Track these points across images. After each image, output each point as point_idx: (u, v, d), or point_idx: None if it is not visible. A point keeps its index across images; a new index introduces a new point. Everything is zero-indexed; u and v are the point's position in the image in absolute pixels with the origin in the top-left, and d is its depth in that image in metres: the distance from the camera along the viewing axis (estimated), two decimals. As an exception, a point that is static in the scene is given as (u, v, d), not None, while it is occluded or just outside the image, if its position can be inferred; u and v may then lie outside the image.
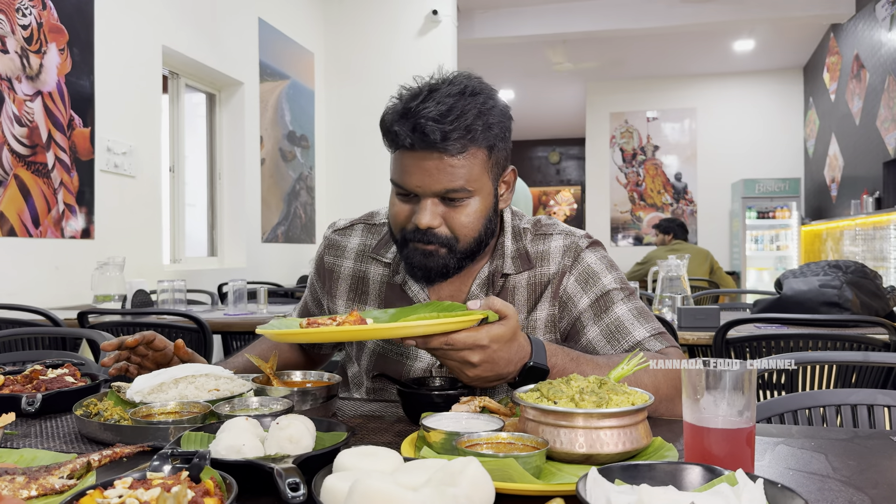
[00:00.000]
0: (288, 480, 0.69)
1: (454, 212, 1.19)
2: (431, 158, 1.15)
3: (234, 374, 1.15)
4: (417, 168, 1.16)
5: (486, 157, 1.20)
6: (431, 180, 1.16)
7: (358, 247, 1.40)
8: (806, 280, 2.66)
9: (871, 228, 6.28)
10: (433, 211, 1.18)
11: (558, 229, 1.34)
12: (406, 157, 1.18)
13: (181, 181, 4.79)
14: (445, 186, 1.16)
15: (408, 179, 1.18)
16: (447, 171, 1.15)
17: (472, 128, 1.15)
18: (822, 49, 8.70)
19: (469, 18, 7.45)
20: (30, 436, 1.01)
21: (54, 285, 3.46)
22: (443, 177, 1.16)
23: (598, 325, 1.26)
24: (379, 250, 1.37)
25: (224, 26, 4.95)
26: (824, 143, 8.64)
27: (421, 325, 0.95)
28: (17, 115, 3.25)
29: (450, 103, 1.14)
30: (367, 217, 1.44)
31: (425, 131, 1.12)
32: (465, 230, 1.20)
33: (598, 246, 1.34)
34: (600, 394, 0.86)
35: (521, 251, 1.31)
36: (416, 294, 1.31)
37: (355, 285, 1.38)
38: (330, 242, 1.43)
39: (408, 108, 1.15)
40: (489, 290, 1.30)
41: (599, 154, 10.45)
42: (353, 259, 1.39)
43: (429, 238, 1.19)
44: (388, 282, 1.35)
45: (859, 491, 0.76)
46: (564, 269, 1.29)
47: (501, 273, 1.29)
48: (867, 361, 1.50)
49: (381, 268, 1.36)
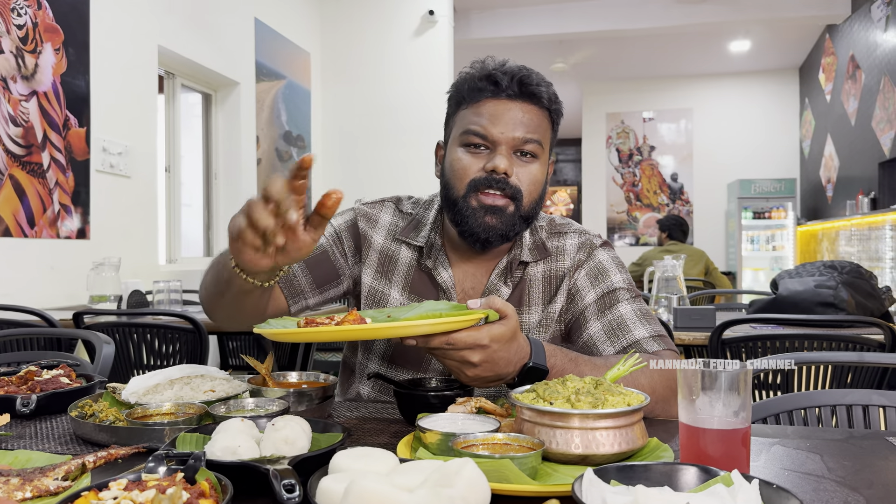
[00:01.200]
0: (283, 482, 0.69)
1: (524, 167, 1.26)
2: (519, 106, 1.25)
3: (230, 376, 1.15)
4: (503, 114, 1.24)
5: (550, 127, 1.31)
6: (515, 127, 1.24)
7: (389, 225, 1.40)
8: (802, 280, 2.66)
9: (866, 229, 6.29)
10: (510, 159, 1.25)
11: (573, 228, 1.39)
12: (492, 104, 1.25)
13: (177, 181, 4.78)
14: (526, 135, 1.24)
15: (491, 126, 1.24)
16: (530, 121, 1.25)
17: (551, 92, 1.29)
18: (818, 50, 8.72)
19: (465, 19, 7.45)
20: (24, 437, 1.01)
21: (49, 286, 3.45)
22: (526, 125, 1.24)
23: (601, 321, 1.28)
24: (408, 233, 1.37)
25: (220, 26, 4.94)
26: (820, 144, 8.66)
27: (422, 324, 0.95)
28: (13, 115, 3.24)
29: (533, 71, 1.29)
30: (395, 199, 1.44)
31: (523, 75, 1.25)
32: (531, 187, 1.26)
33: (610, 247, 1.38)
34: (596, 394, 0.86)
35: (538, 243, 1.35)
36: (444, 280, 1.32)
37: (384, 261, 1.38)
38: (362, 212, 1.42)
39: (498, 63, 1.29)
40: (508, 280, 1.32)
41: (596, 154, 10.46)
42: (384, 236, 1.39)
43: (501, 186, 1.23)
44: (417, 266, 1.36)
45: (854, 491, 0.76)
46: (578, 263, 1.33)
47: (519, 261, 1.32)
48: (862, 362, 1.50)
49: (410, 251, 1.37)
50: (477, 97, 1.26)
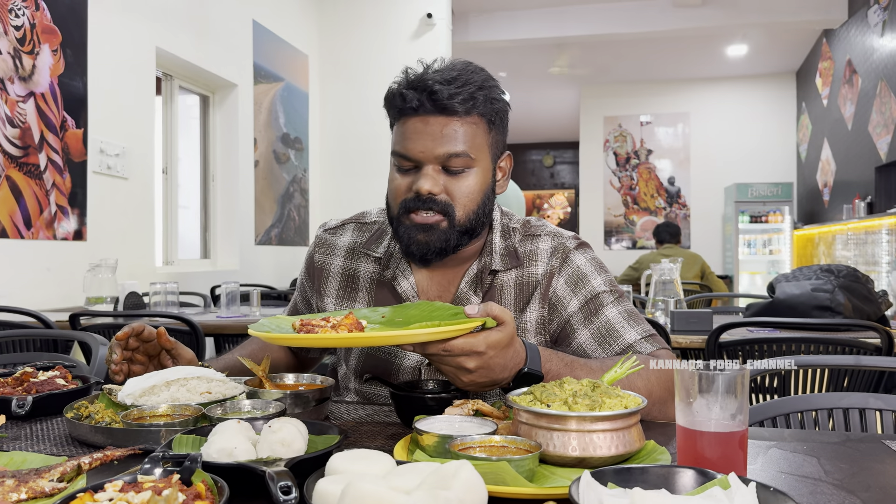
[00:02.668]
0: (280, 484, 0.68)
1: (455, 181, 1.22)
2: (436, 122, 1.20)
3: (227, 377, 1.15)
4: (421, 132, 1.20)
5: (487, 130, 1.24)
6: (435, 143, 1.19)
7: (348, 244, 1.40)
8: (798, 284, 2.67)
9: (862, 233, 6.31)
10: (434, 178, 1.21)
11: (546, 230, 1.35)
12: (410, 123, 1.22)
13: (174, 183, 4.78)
14: (448, 150, 1.20)
15: (411, 146, 1.21)
16: (451, 134, 1.20)
17: (475, 95, 1.20)
18: (815, 54, 8.75)
19: (464, 21, 7.46)
20: (20, 438, 1.01)
21: (46, 287, 3.44)
22: (446, 140, 1.20)
23: (589, 329, 1.26)
24: (370, 245, 1.37)
25: (218, 28, 4.94)
26: (817, 148, 8.68)
27: (420, 332, 0.95)
28: (10, 116, 3.23)
29: (457, 71, 1.22)
30: (359, 216, 1.44)
31: (433, 90, 1.18)
32: (464, 199, 1.22)
33: (587, 247, 1.34)
34: (593, 397, 0.86)
35: (510, 249, 1.32)
36: (405, 290, 1.31)
37: (345, 283, 1.38)
38: (320, 241, 1.43)
39: (415, 75, 1.23)
40: (478, 288, 1.30)
41: (593, 158, 10.47)
42: (344, 257, 1.39)
43: (429, 205, 1.21)
44: (379, 279, 1.35)
45: (851, 494, 0.76)
46: (553, 270, 1.29)
47: (490, 269, 1.30)
48: (859, 365, 1.50)
49: (371, 264, 1.36)
50: (398, 115, 1.24)
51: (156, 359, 1.24)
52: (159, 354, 1.25)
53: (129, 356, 1.21)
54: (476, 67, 1.25)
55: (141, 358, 1.23)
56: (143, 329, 1.20)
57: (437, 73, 1.21)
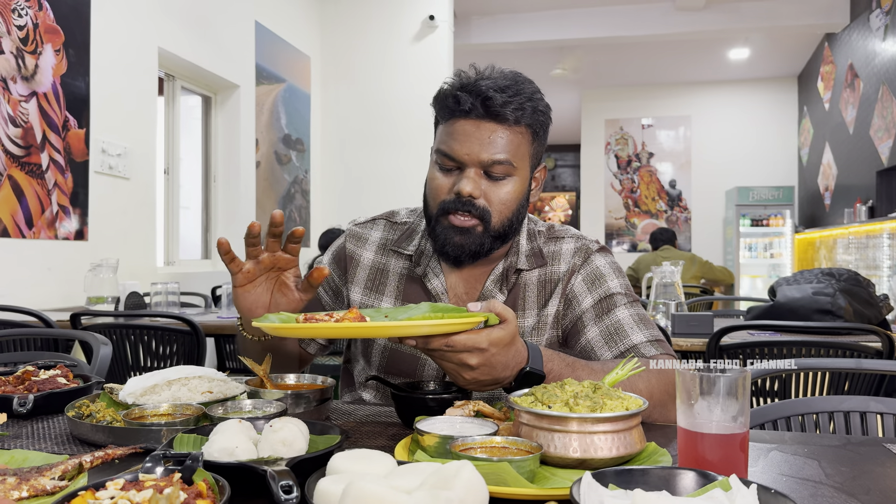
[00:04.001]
0: (281, 483, 0.68)
1: (494, 187, 1.24)
2: (485, 127, 1.22)
3: (228, 377, 1.15)
4: (470, 135, 1.22)
5: (531, 141, 1.27)
6: (481, 148, 1.21)
7: (380, 240, 1.42)
8: (799, 287, 2.67)
9: (864, 237, 6.30)
10: (476, 181, 1.23)
11: (570, 233, 1.39)
12: (460, 125, 1.23)
13: (176, 183, 4.78)
14: (493, 156, 1.21)
15: (458, 147, 1.22)
16: (497, 141, 1.22)
17: (525, 105, 1.23)
18: (817, 58, 8.75)
19: (466, 24, 7.47)
20: (21, 437, 1.01)
21: (47, 286, 3.44)
22: (493, 146, 1.21)
23: (599, 326, 1.27)
24: (400, 243, 1.39)
25: (220, 29, 4.95)
26: (818, 152, 8.68)
27: (422, 324, 0.95)
28: (12, 116, 3.24)
29: (510, 80, 1.23)
30: (388, 215, 1.47)
31: (488, 96, 1.20)
32: (501, 207, 1.24)
33: (608, 252, 1.38)
34: (594, 398, 0.86)
35: (535, 250, 1.35)
36: (435, 287, 1.33)
37: (374, 276, 1.40)
38: (352, 233, 1.45)
39: (469, 79, 1.24)
40: (503, 286, 1.32)
41: (594, 160, 10.48)
42: (374, 251, 1.41)
43: (468, 208, 1.23)
44: (408, 275, 1.37)
45: (852, 497, 0.76)
46: (574, 268, 1.32)
47: (515, 269, 1.32)
48: (860, 368, 1.50)
49: (402, 261, 1.38)
50: (447, 116, 1.26)
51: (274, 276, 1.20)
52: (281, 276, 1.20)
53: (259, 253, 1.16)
54: (526, 78, 1.27)
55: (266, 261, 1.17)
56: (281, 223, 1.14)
57: (491, 80, 1.23)
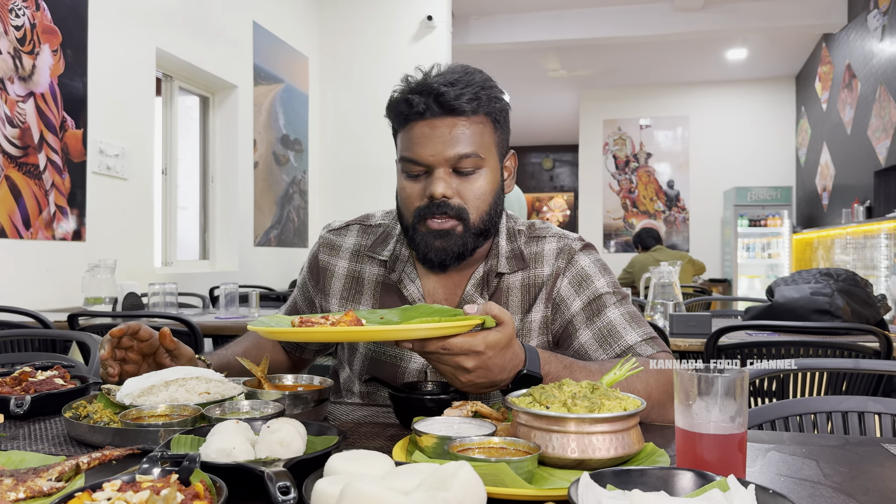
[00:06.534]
0: (278, 484, 0.68)
1: (466, 183, 1.22)
2: (444, 123, 1.20)
3: (225, 378, 1.15)
4: (430, 136, 1.20)
5: (493, 130, 1.25)
6: (444, 146, 1.19)
7: (353, 246, 1.40)
8: (797, 288, 2.67)
9: (861, 237, 6.31)
10: (446, 180, 1.21)
11: (552, 232, 1.35)
12: (418, 128, 1.21)
13: (173, 184, 4.78)
14: (458, 151, 1.20)
15: (421, 150, 1.20)
16: (459, 135, 1.20)
17: (479, 94, 1.21)
18: (815, 58, 8.76)
19: (464, 24, 7.47)
20: (18, 438, 1.00)
21: (44, 287, 3.44)
22: (455, 142, 1.20)
23: (591, 329, 1.26)
24: (375, 248, 1.37)
25: (218, 29, 4.94)
26: (816, 152, 8.69)
27: (419, 328, 0.94)
28: (9, 116, 3.23)
29: (458, 73, 1.23)
30: (363, 218, 1.44)
31: (440, 92, 1.18)
32: (477, 202, 1.23)
33: (591, 249, 1.35)
34: (592, 399, 0.86)
35: (516, 251, 1.32)
36: (411, 294, 1.31)
37: (349, 285, 1.38)
38: (325, 241, 1.43)
39: (417, 80, 1.23)
40: (484, 291, 1.30)
41: (593, 161, 10.48)
42: (349, 259, 1.39)
43: (443, 209, 1.21)
44: (384, 281, 1.35)
45: (850, 497, 0.76)
46: (558, 271, 1.30)
47: (496, 272, 1.30)
48: (858, 368, 1.50)
49: (377, 267, 1.36)
50: (403, 122, 1.23)
51: (150, 358, 1.21)
52: (155, 353, 1.21)
53: (122, 355, 1.19)
54: (474, 69, 1.26)
55: (134, 357, 1.19)
56: (139, 328, 1.18)
57: (440, 76, 1.22)
